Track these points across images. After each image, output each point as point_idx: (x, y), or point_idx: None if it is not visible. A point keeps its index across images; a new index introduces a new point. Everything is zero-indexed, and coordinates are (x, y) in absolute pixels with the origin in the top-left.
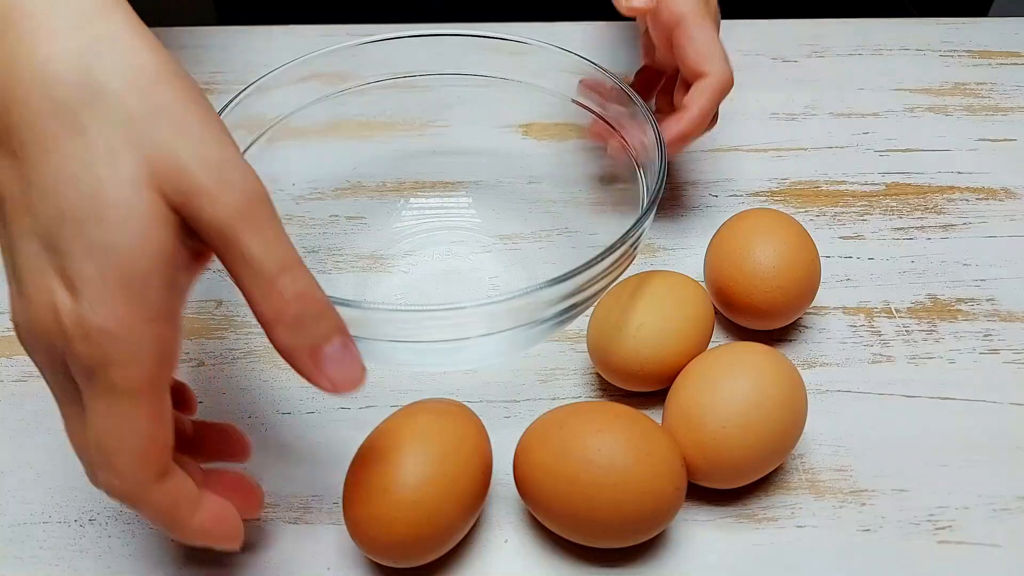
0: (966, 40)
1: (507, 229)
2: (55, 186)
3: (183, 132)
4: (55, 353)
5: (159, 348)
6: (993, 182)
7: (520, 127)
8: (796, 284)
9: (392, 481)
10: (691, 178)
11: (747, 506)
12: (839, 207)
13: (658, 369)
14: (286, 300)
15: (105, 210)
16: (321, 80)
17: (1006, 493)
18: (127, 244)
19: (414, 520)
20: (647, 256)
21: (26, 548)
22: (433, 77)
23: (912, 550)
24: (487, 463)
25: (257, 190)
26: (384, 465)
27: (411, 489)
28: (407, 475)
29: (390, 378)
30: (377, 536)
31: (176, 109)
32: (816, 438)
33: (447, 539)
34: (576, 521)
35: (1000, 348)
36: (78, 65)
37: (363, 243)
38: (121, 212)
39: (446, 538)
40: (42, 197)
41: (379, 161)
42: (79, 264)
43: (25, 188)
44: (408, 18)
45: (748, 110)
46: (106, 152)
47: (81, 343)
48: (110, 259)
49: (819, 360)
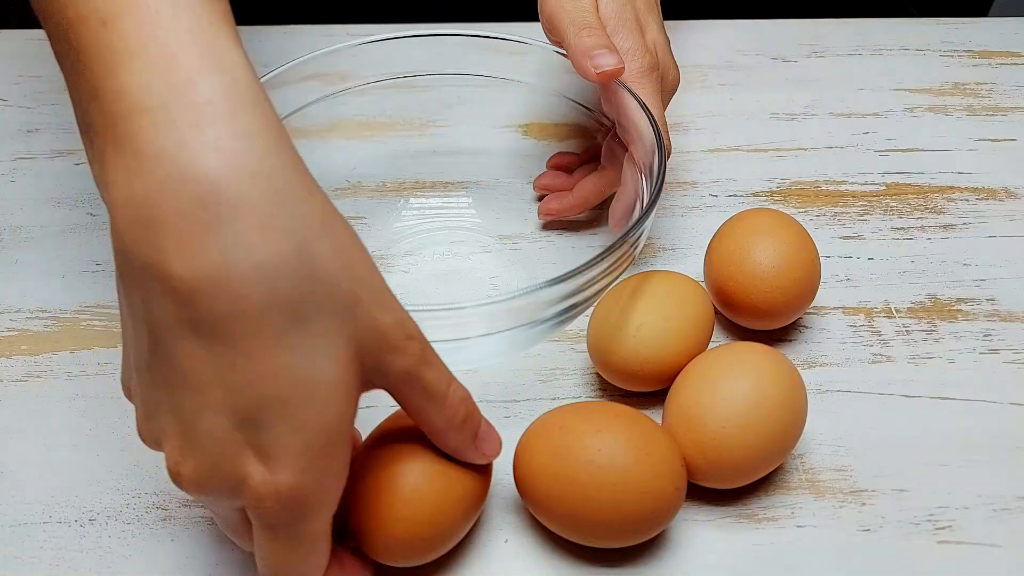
0: (966, 40)
1: (507, 229)
2: (267, 371)
3: (377, 300)
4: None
5: (339, 495)
6: (993, 182)
7: (520, 127)
8: (796, 284)
9: (394, 481)
10: (691, 178)
11: (747, 506)
12: (839, 207)
13: (658, 369)
14: (456, 409)
15: (315, 391)
16: (321, 80)
17: (1006, 493)
18: (330, 419)
19: (415, 520)
20: (647, 256)
21: (26, 548)
22: (433, 77)
23: (912, 550)
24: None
25: (422, 333)
26: (386, 465)
27: (412, 489)
28: (409, 475)
29: None
30: (378, 535)
31: (370, 279)
32: (816, 438)
33: (447, 539)
34: (576, 521)
35: (1000, 348)
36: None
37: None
38: (329, 392)
39: (446, 538)
40: (248, 382)
41: (379, 161)
42: (283, 439)
43: (225, 372)
44: (408, 18)
45: (748, 110)
46: (323, 340)
47: (273, 503)
48: (313, 434)
49: (819, 360)
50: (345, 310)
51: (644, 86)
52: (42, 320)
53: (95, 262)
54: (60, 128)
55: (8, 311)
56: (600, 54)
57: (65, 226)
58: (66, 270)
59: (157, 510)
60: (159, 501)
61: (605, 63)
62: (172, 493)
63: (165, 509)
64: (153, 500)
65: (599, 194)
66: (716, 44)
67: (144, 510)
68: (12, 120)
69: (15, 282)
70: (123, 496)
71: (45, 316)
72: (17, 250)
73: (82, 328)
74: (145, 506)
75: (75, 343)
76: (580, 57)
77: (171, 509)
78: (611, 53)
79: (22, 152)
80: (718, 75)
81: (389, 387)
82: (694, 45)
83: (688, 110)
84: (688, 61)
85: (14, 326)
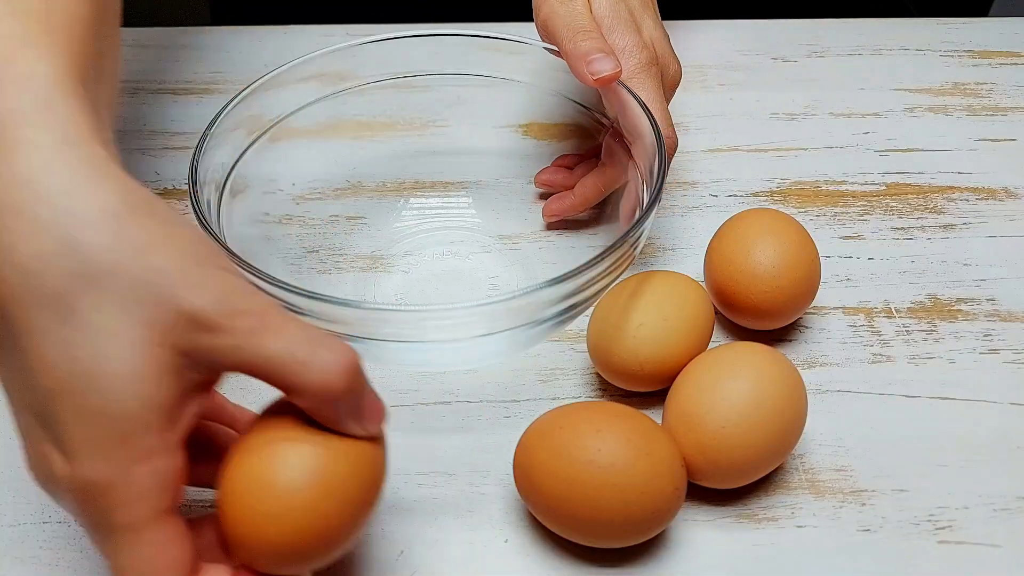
0: (966, 40)
1: (507, 229)
2: (46, 367)
3: (183, 282)
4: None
5: (158, 481)
6: (993, 182)
7: (520, 127)
8: (796, 284)
9: (264, 470)
10: (691, 178)
11: (747, 506)
12: (839, 207)
13: (658, 369)
14: (324, 376)
15: (101, 381)
16: (321, 80)
17: (1006, 493)
18: (125, 406)
19: (290, 518)
20: (647, 256)
21: (26, 548)
22: (433, 77)
23: (912, 550)
24: (379, 471)
25: (265, 303)
26: (255, 451)
27: (287, 479)
28: (282, 462)
29: (390, 378)
30: (247, 538)
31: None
32: (816, 438)
33: (335, 540)
34: (576, 521)
35: (1000, 348)
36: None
37: (363, 243)
38: (120, 380)
39: (334, 539)
40: (32, 378)
41: (379, 161)
42: (70, 430)
43: (15, 373)
44: (408, 18)
45: (748, 110)
46: (105, 330)
47: (78, 495)
48: (106, 422)
49: (819, 360)
50: (136, 298)
51: (644, 82)
52: None
53: None
54: None
55: None
56: (596, 59)
57: None
58: None
59: None
60: None
61: (602, 68)
62: None
63: None
64: None
65: (600, 192)
66: (716, 44)
67: None
68: None
69: None
70: None
71: None
72: None
73: None
74: None
75: None
76: (577, 63)
77: None
78: (607, 57)
79: None
80: (718, 75)
81: (231, 366)
82: (694, 45)
83: (688, 110)
84: (688, 61)
85: None
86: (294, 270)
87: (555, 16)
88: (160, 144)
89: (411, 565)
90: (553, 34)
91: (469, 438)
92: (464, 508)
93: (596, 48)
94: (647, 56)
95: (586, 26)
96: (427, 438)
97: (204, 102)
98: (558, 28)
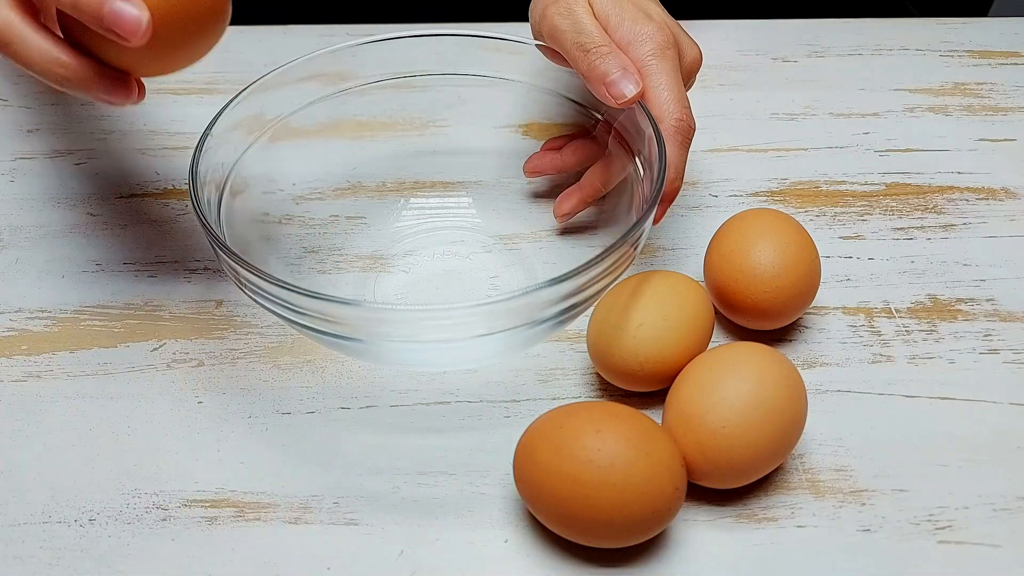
0: (966, 40)
1: (507, 229)
2: None
3: None
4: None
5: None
6: (993, 182)
7: (520, 127)
8: (796, 284)
9: None
10: (691, 178)
11: (747, 506)
12: (839, 207)
13: (658, 369)
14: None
15: None
16: (321, 80)
17: (1006, 493)
18: None
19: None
20: (647, 256)
21: (26, 548)
22: (433, 77)
23: (912, 550)
24: None
25: None
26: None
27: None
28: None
29: (390, 378)
30: None
31: None
32: (816, 438)
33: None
34: (576, 521)
35: (1000, 348)
36: None
37: (363, 243)
38: None
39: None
40: None
41: (379, 161)
42: None
43: None
44: (408, 18)
45: (748, 110)
46: None
47: None
48: None
49: (819, 360)
50: None
51: (661, 65)
52: (42, 320)
53: (95, 262)
54: (60, 128)
55: (8, 311)
56: (614, 80)
57: (65, 226)
58: (66, 270)
59: (157, 510)
60: (159, 501)
61: (624, 92)
62: (172, 493)
63: (165, 509)
64: (153, 500)
65: (608, 182)
66: (716, 44)
67: (144, 510)
68: (12, 120)
69: (15, 282)
70: (123, 496)
71: (45, 316)
72: (17, 250)
73: (82, 328)
74: (145, 506)
75: (75, 343)
76: (596, 86)
77: (171, 509)
78: (625, 76)
79: (22, 152)
80: (718, 75)
81: None
82: None
83: None
84: None
85: (14, 326)
86: (294, 270)
87: (559, 33)
88: (160, 144)
89: (411, 565)
90: (564, 52)
91: (469, 438)
92: (464, 508)
93: (614, 67)
94: (662, 39)
95: (595, 39)
96: (427, 438)
97: (204, 102)
98: (566, 46)
